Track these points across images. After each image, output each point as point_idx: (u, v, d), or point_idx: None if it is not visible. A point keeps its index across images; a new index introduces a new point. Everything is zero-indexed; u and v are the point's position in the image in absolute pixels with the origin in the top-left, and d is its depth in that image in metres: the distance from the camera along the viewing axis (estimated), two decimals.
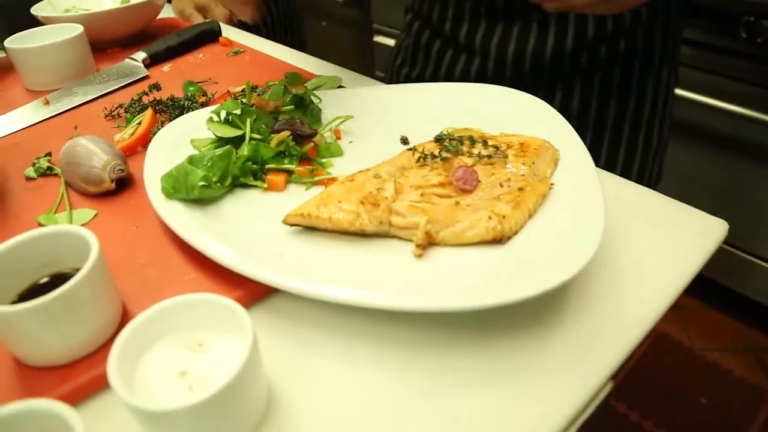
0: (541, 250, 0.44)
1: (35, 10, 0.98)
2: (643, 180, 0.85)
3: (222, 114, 0.62)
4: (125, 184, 0.60)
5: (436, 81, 0.86)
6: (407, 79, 0.91)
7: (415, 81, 0.90)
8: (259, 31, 1.17)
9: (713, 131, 1.40)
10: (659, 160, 0.87)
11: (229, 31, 1.04)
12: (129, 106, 0.75)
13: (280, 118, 0.62)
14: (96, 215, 0.56)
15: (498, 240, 0.46)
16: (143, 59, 0.90)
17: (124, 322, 0.44)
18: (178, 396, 0.34)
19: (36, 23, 0.94)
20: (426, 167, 0.53)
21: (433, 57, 0.86)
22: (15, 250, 0.42)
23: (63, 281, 0.38)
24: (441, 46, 0.85)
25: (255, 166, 0.57)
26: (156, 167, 0.56)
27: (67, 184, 0.61)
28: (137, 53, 0.91)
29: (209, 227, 0.50)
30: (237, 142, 0.59)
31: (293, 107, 0.64)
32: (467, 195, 0.49)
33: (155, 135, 0.63)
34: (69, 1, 1.06)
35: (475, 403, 0.38)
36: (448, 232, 0.47)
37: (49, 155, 0.66)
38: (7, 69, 0.91)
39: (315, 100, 0.67)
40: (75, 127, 0.73)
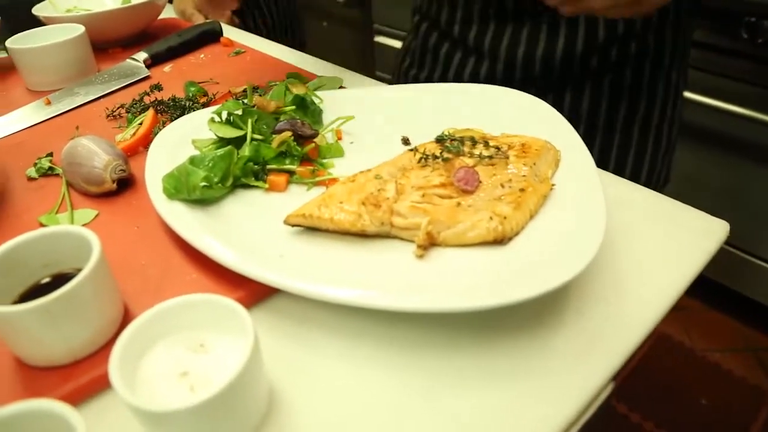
0: (542, 250, 0.44)
1: (36, 10, 0.98)
2: (651, 183, 0.84)
3: (223, 114, 0.62)
4: (126, 184, 0.60)
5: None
6: (415, 82, 0.90)
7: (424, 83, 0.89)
8: (260, 32, 1.17)
9: (714, 131, 1.39)
10: (667, 162, 0.87)
11: (230, 32, 1.04)
12: (130, 106, 0.75)
13: (281, 118, 0.62)
14: (97, 215, 0.57)
15: (499, 241, 0.46)
16: (144, 59, 0.90)
17: (125, 322, 0.44)
18: (179, 396, 0.34)
19: (37, 23, 0.94)
20: (427, 168, 0.53)
21: (442, 59, 0.85)
22: (16, 250, 0.42)
23: (64, 281, 0.38)
24: (449, 48, 0.84)
25: (256, 166, 0.57)
26: (157, 167, 0.57)
27: (69, 184, 0.61)
28: (138, 53, 0.91)
29: (210, 228, 0.50)
30: (238, 142, 0.59)
31: (294, 108, 0.64)
32: (468, 196, 0.49)
33: (156, 135, 0.63)
34: (70, 2, 1.06)
35: (476, 404, 0.38)
36: (449, 232, 0.47)
37: (51, 155, 0.66)
38: (9, 69, 0.91)
39: (316, 100, 0.67)
40: (76, 128, 0.73)
